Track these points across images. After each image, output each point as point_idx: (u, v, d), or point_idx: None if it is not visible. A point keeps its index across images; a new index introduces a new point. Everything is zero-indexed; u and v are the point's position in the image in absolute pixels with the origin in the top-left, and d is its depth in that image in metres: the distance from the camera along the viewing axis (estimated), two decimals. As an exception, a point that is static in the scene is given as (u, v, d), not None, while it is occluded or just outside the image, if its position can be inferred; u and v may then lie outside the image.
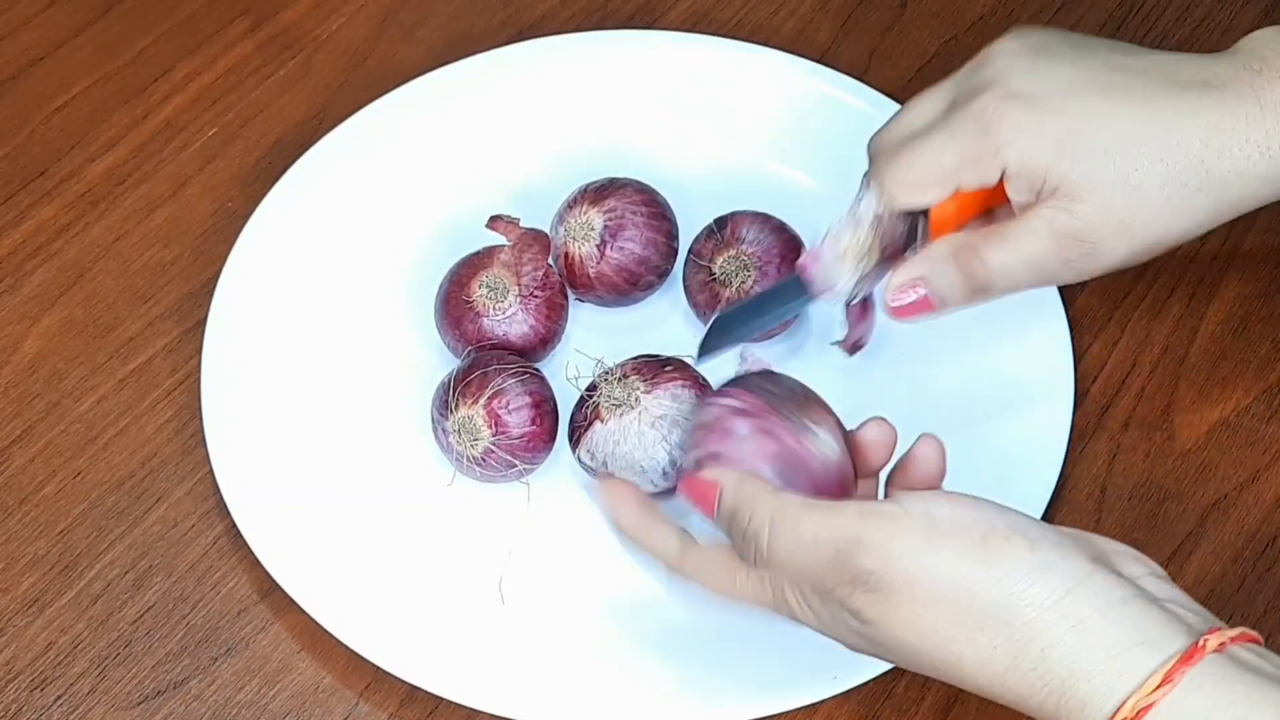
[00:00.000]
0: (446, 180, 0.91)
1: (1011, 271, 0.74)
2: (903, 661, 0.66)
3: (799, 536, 0.66)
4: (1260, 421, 0.85)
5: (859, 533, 0.64)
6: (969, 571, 0.63)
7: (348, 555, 0.80)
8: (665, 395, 0.80)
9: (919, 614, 0.63)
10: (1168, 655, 0.60)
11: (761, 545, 0.67)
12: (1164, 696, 0.59)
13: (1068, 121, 0.73)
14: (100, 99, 0.96)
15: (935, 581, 0.63)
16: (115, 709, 0.78)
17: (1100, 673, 0.61)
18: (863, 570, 0.64)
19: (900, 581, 0.63)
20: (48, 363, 0.87)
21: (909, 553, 0.63)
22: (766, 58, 0.94)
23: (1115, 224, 0.73)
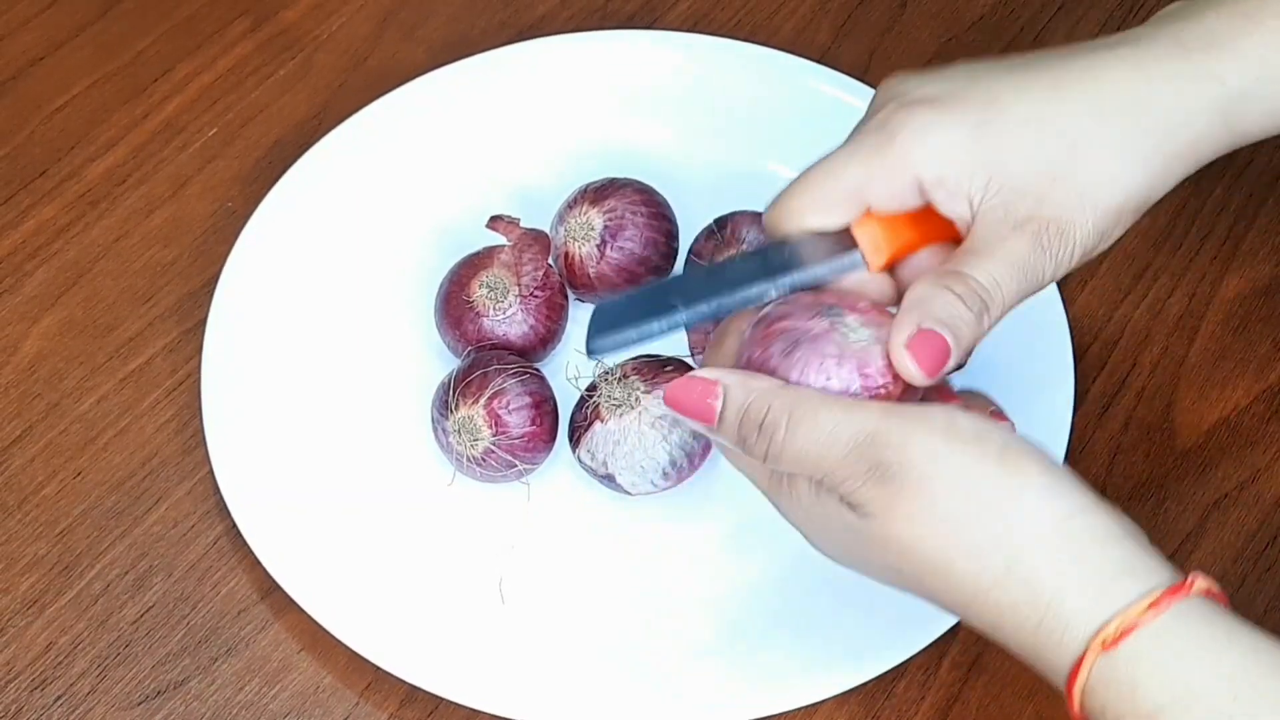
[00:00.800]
0: (446, 180, 0.91)
1: (1003, 280, 0.67)
2: (881, 566, 0.65)
3: (817, 426, 0.65)
4: (1260, 421, 0.85)
5: (880, 426, 0.64)
6: (985, 474, 0.63)
7: (348, 555, 0.80)
8: (665, 395, 0.80)
9: (926, 509, 0.63)
10: (1154, 586, 0.61)
11: (778, 439, 0.65)
12: (1149, 621, 0.60)
13: (976, 106, 0.67)
14: (100, 99, 0.96)
15: (949, 479, 0.63)
16: (115, 709, 0.78)
17: (1088, 594, 0.61)
18: (880, 461, 0.63)
19: (915, 475, 0.63)
20: (48, 363, 0.87)
21: (929, 449, 0.63)
22: (766, 58, 0.94)
23: (1070, 192, 0.67)
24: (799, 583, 0.79)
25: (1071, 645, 0.61)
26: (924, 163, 0.67)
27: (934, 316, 0.66)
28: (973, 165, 0.67)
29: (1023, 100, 0.68)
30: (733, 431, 0.66)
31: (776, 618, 0.78)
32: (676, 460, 0.80)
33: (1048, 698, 0.77)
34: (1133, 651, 0.60)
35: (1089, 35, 0.97)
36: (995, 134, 0.67)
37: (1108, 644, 0.61)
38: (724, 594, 0.79)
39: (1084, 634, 0.61)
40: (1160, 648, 0.61)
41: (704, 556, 0.80)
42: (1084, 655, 0.61)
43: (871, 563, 0.66)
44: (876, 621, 0.76)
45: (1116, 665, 0.61)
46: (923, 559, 0.64)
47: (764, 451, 0.66)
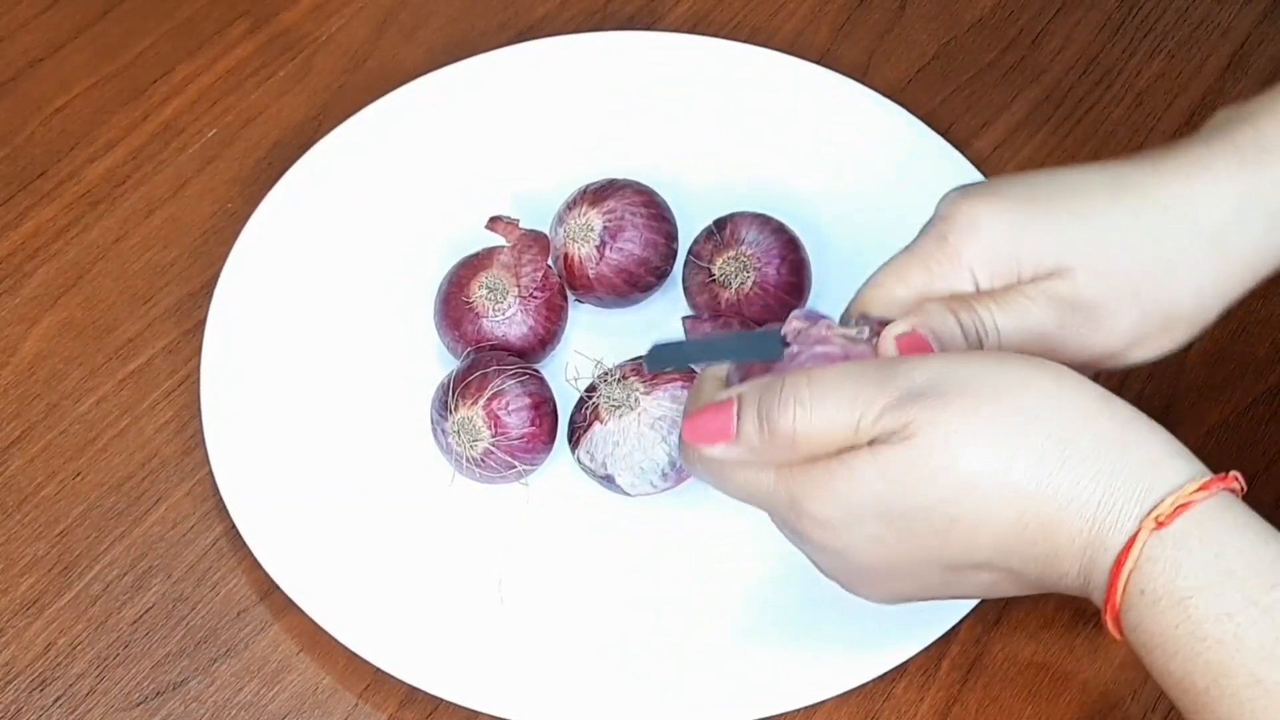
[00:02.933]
0: (446, 181, 0.91)
1: (1006, 328, 0.70)
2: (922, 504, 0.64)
3: (840, 377, 0.65)
4: (1259, 423, 0.85)
5: (900, 360, 0.65)
6: (1025, 370, 0.64)
7: (347, 556, 0.80)
8: (665, 396, 0.80)
9: (972, 411, 0.63)
10: (1201, 471, 0.63)
11: (804, 400, 0.65)
12: (1202, 500, 0.62)
13: (1034, 204, 0.70)
14: (100, 100, 0.96)
15: (992, 377, 0.64)
16: (115, 710, 0.78)
17: (1143, 472, 0.62)
18: (912, 385, 0.64)
19: (954, 383, 0.64)
20: (47, 364, 0.87)
21: (961, 360, 0.64)
22: (766, 59, 0.94)
23: (1115, 286, 0.70)
24: (799, 583, 0.79)
25: (1125, 525, 0.62)
26: (972, 253, 0.70)
27: (930, 326, 0.68)
28: (1014, 249, 0.70)
29: (1079, 199, 0.70)
30: (754, 426, 0.66)
31: (776, 618, 0.78)
32: (676, 461, 0.80)
33: (1047, 698, 0.77)
34: (1183, 530, 0.61)
35: (1088, 38, 0.98)
36: (1047, 230, 0.70)
37: (1162, 521, 0.62)
38: (723, 594, 0.79)
39: (1139, 511, 0.62)
40: (1208, 530, 0.62)
41: (703, 557, 0.80)
42: (1136, 534, 0.62)
43: (906, 520, 0.65)
44: (876, 622, 0.76)
45: (1165, 544, 0.61)
46: (976, 467, 0.63)
47: (791, 425, 0.65)
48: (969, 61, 0.97)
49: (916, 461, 0.64)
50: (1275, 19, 0.97)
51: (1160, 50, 0.97)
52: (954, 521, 0.64)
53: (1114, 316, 0.70)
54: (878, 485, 0.64)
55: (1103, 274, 0.69)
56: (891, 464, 0.64)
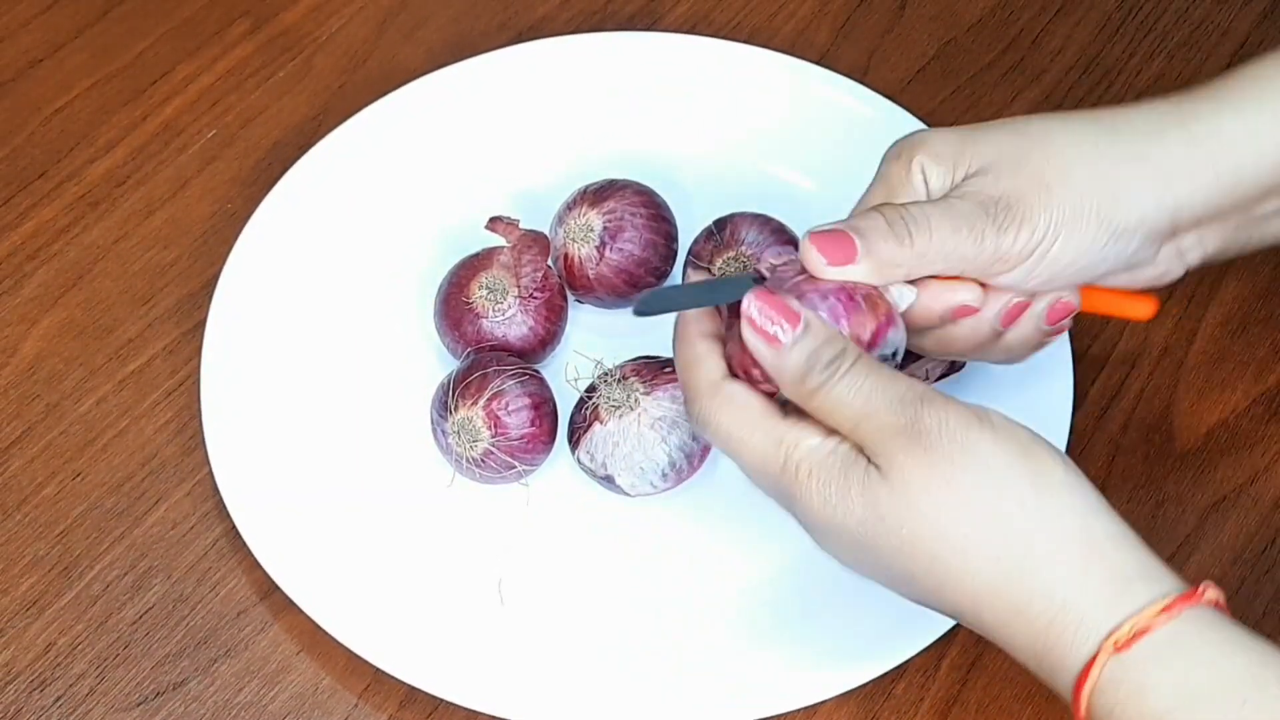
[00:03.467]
0: (446, 182, 0.91)
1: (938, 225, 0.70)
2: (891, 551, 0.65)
3: (875, 374, 0.66)
4: (1259, 423, 0.85)
5: (929, 394, 0.66)
6: (1012, 463, 0.64)
7: (347, 556, 0.80)
8: (664, 396, 0.80)
9: (951, 483, 0.64)
10: (1169, 590, 0.62)
11: (840, 369, 0.66)
12: (1162, 625, 0.61)
13: (965, 128, 0.73)
14: (100, 101, 0.96)
15: (980, 457, 0.64)
16: (114, 710, 0.78)
17: (1104, 595, 0.62)
18: (919, 421, 0.64)
19: (948, 446, 0.64)
20: (47, 364, 0.87)
21: (966, 426, 0.65)
22: (766, 59, 0.94)
23: (1027, 181, 0.71)
24: (798, 583, 0.79)
25: (1083, 646, 0.62)
26: (924, 161, 0.72)
27: (851, 225, 0.70)
28: (956, 158, 0.72)
29: (1009, 121, 0.73)
30: (803, 355, 0.67)
31: (776, 618, 0.78)
32: (676, 461, 0.80)
33: (1046, 699, 0.77)
34: (1144, 654, 0.61)
35: (1087, 39, 0.98)
36: (979, 137, 0.72)
37: (1120, 645, 0.61)
38: (723, 595, 0.79)
39: (1097, 634, 0.62)
40: (1171, 652, 0.61)
41: (703, 557, 0.81)
42: (1095, 656, 0.62)
43: (881, 549, 0.66)
44: (876, 622, 0.77)
45: (1127, 667, 0.61)
46: (939, 536, 0.64)
47: (819, 383, 0.66)
48: (969, 61, 0.97)
49: (891, 503, 0.65)
50: (1275, 19, 0.97)
51: (1160, 50, 0.97)
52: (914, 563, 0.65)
53: (1035, 210, 0.71)
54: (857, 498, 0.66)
55: (1016, 169, 0.71)
56: (869, 499, 0.65)
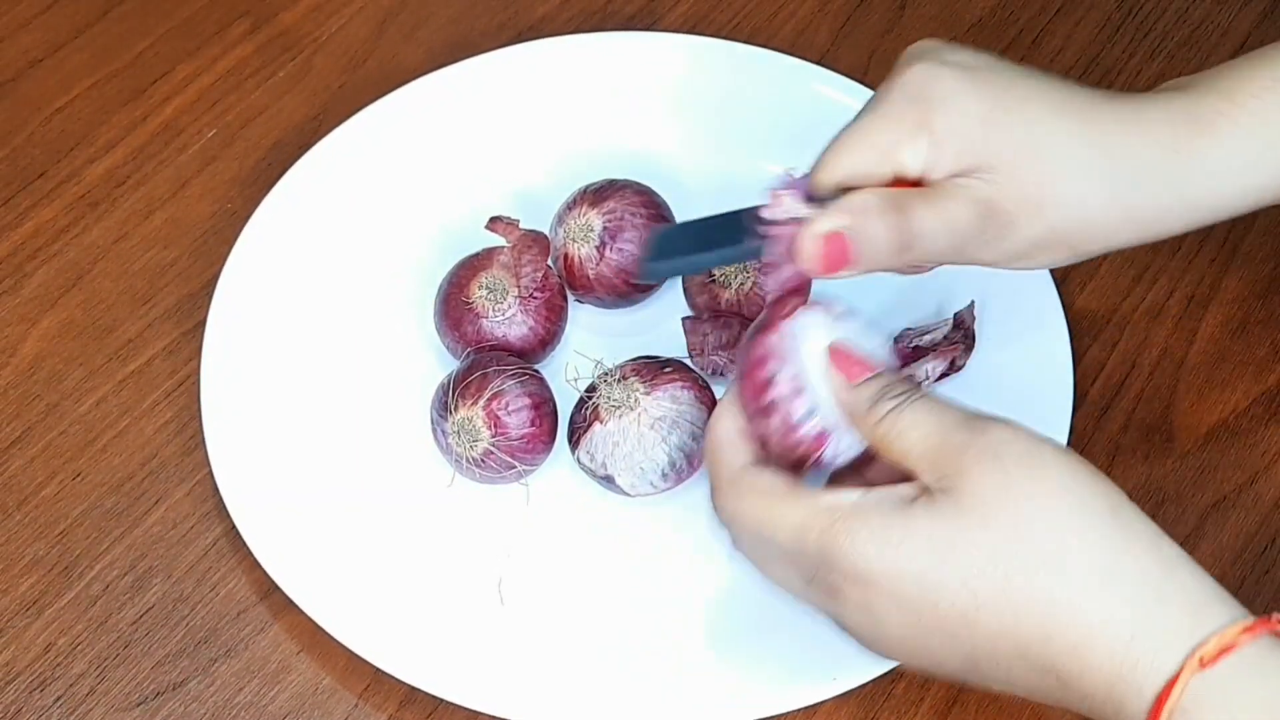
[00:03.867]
0: (446, 182, 0.91)
1: (933, 234, 0.71)
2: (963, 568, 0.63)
3: (940, 404, 0.66)
4: (1259, 424, 0.85)
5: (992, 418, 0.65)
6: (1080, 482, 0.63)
7: (347, 556, 0.80)
8: (664, 396, 0.80)
9: (1035, 496, 0.62)
10: (1243, 614, 0.61)
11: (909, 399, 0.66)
12: (1248, 642, 0.60)
13: (994, 90, 0.71)
14: (100, 101, 0.96)
15: (1055, 476, 0.63)
16: (114, 710, 0.78)
17: (1185, 612, 0.61)
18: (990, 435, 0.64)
19: (1024, 460, 0.63)
20: (47, 364, 0.87)
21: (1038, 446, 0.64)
22: (766, 59, 0.94)
23: (1023, 197, 0.71)
24: (798, 584, 0.79)
25: (1165, 665, 0.61)
26: (941, 124, 0.71)
27: (857, 232, 0.70)
28: (972, 139, 0.71)
29: (1034, 105, 0.71)
30: (873, 389, 0.67)
31: (776, 618, 0.78)
32: (676, 461, 0.80)
33: (1047, 699, 0.77)
34: (1230, 671, 0.60)
35: (1087, 39, 0.98)
36: (1001, 124, 0.71)
37: (1206, 661, 0.60)
38: (724, 594, 0.79)
39: (1180, 652, 0.60)
40: (1257, 669, 0.60)
41: (703, 557, 0.80)
42: (1179, 674, 0.60)
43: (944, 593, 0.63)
44: (876, 622, 0.77)
45: (1211, 685, 0.60)
46: (1015, 553, 0.62)
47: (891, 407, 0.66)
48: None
49: (955, 536, 0.63)
50: (1275, 19, 0.97)
51: (1160, 50, 0.97)
52: (979, 607, 0.63)
53: (1025, 228, 0.71)
54: (924, 548, 0.63)
55: (1017, 180, 0.70)
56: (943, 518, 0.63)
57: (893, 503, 0.64)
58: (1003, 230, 0.71)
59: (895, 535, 0.63)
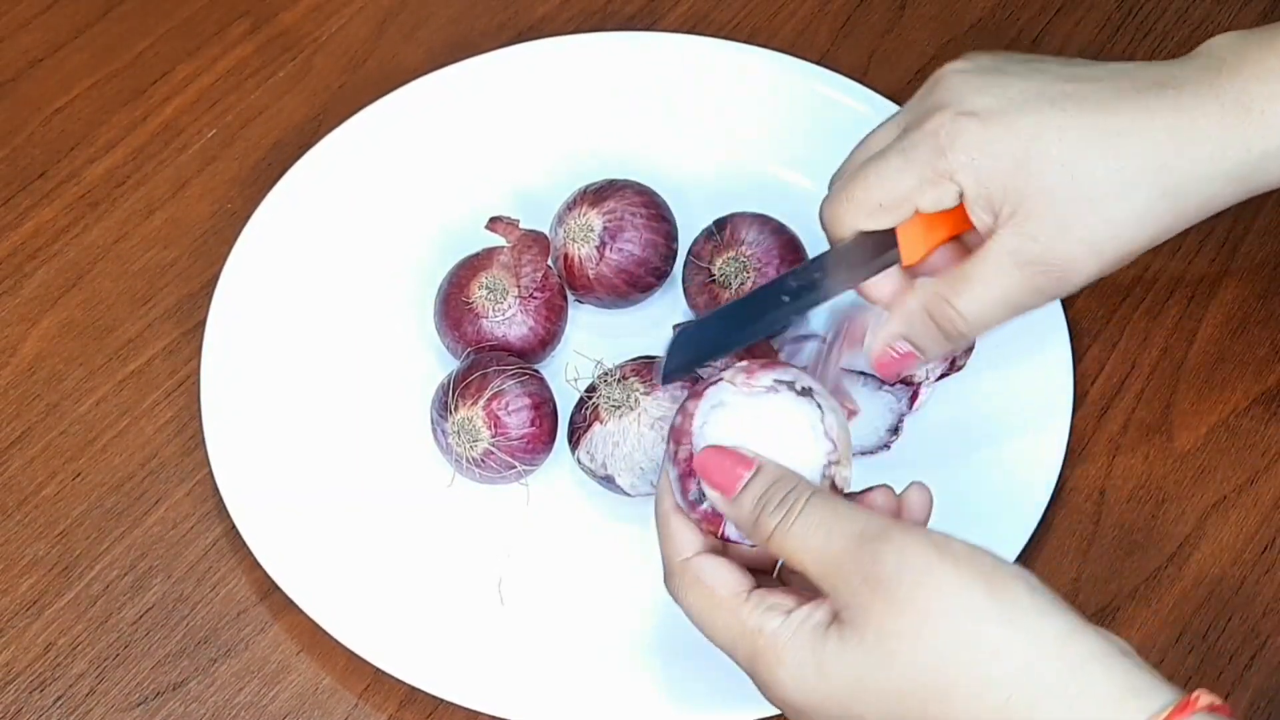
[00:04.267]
0: (446, 182, 0.91)
1: (986, 314, 0.72)
2: (883, 708, 0.63)
3: (833, 513, 0.65)
4: (1259, 423, 0.85)
5: (886, 529, 0.64)
6: (975, 599, 0.62)
7: (347, 556, 0.80)
8: (664, 396, 0.80)
9: (926, 629, 0.62)
10: (1163, 705, 0.60)
11: (795, 510, 0.65)
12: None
13: (1021, 137, 0.70)
14: (100, 101, 0.96)
15: (945, 596, 0.62)
16: (114, 710, 0.78)
17: (1097, 717, 0.60)
18: (881, 564, 0.62)
19: (912, 590, 0.62)
20: (47, 364, 0.87)
21: (927, 564, 0.62)
22: (766, 59, 0.94)
23: (1077, 241, 0.70)
24: (798, 584, 0.79)
25: None
26: (968, 181, 0.71)
27: (912, 339, 0.72)
28: (1004, 189, 0.70)
29: (1064, 142, 0.70)
30: (751, 501, 0.67)
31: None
32: (676, 461, 0.80)
33: (1047, 699, 0.77)
34: None
35: (1087, 39, 0.98)
36: (1029, 173, 0.70)
37: None
38: (723, 595, 0.79)
39: None
40: None
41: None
42: None
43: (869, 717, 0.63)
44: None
45: None
46: (923, 685, 0.62)
47: (774, 524, 0.66)
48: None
49: (865, 656, 0.63)
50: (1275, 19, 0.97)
51: (1160, 50, 0.97)
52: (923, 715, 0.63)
53: (1081, 270, 0.71)
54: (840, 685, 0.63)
55: (1066, 227, 0.70)
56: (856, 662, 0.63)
57: (810, 631, 0.64)
58: (1061, 281, 0.71)
59: (811, 674, 0.64)
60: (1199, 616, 0.80)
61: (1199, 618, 0.80)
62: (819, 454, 0.68)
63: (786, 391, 0.69)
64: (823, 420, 0.69)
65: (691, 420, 0.69)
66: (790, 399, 0.69)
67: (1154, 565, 0.81)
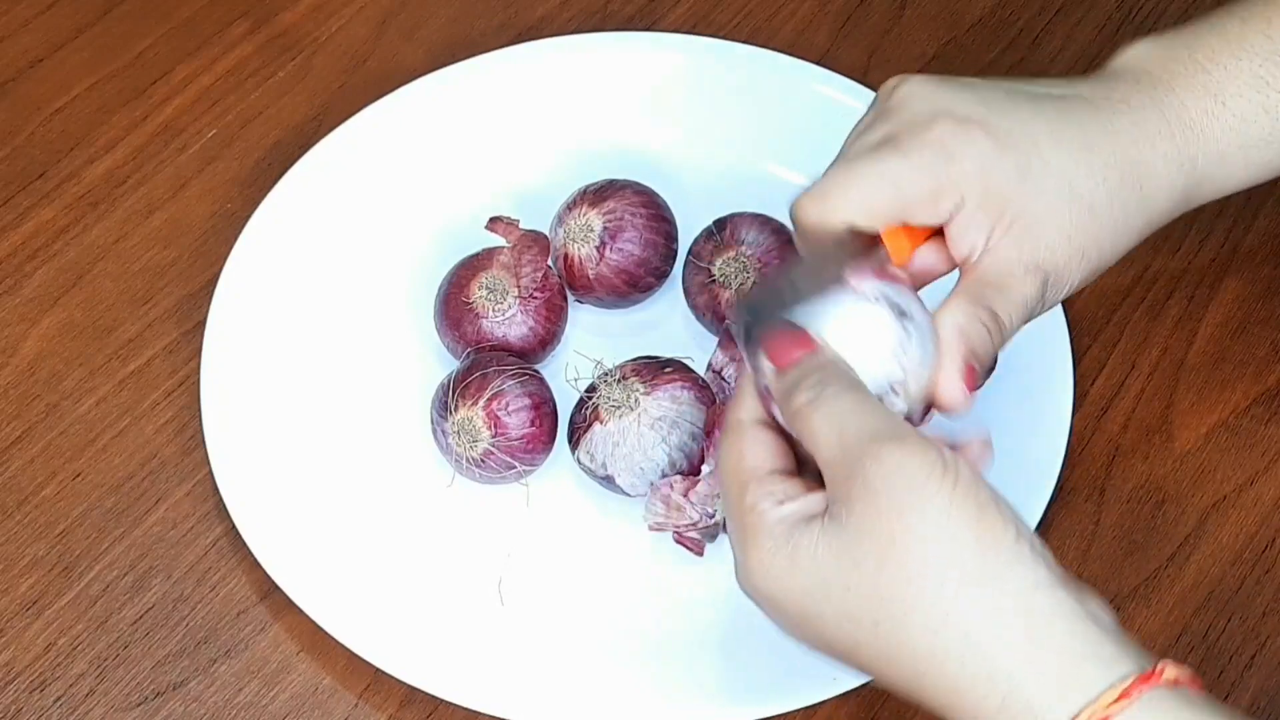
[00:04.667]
0: (446, 182, 0.91)
1: (1016, 319, 0.71)
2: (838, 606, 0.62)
3: (858, 407, 0.64)
4: (1259, 423, 0.85)
5: (900, 435, 0.62)
6: (960, 530, 0.61)
7: (347, 556, 0.80)
8: (664, 396, 0.80)
9: (899, 541, 0.61)
10: (1124, 674, 0.59)
11: (824, 394, 0.64)
12: (1117, 714, 0.58)
13: (1020, 148, 0.70)
14: (100, 101, 0.96)
15: (929, 518, 0.61)
16: (114, 710, 0.78)
17: (1052, 681, 0.59)
18: (882, 464, 0.61)
19: (901, 498, 0.61)
20: (47, 364, 0.87)
21: (925, 478, 0.61)
22: (766, 59, 0.94)
23: (1075, 250, 0.71)
24: (798, 584, 0.79)
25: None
26: (973, 191, 0.70)
27: (976, 354, 0.70)
28: (1009, 202, 0.70)
29: (1059, 154, 0.71)
30: (793, 377, 0.65)
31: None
32: (676, 461, 0.80)
33: (1047, 699, 0.77)
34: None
35: (1087, 39, 0.98)
36: (1034, 187, 0.70)
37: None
38: (724, 594, 0.79)
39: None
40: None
41: (703, 557, 0.80)
42: None
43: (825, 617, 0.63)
44: (876, 622, 0.77)
45: None
46: (882, 597, 0.61)
47: (798, 405, 0.64)
48: (969, 61, 0.97)
49: (835, 552, 0.62)
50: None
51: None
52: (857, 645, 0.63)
53: (1070, 279, 0.71)
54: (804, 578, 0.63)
55: (1068, 236, 0.70)
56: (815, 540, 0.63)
57: (794, 520, 0.63)
58: (1059, 288, 0.71)
59: (782, 562, 0.63)
60: (1199, 616, 0.80)
61: (1199, 618, 0.80)
62: (885, 374, 0.67)
63: (885, 307, 0.68)
64: (906, 350, 0.68)
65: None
66: (888, 316, 0.68)
67: (1154, 565, 0.81)
